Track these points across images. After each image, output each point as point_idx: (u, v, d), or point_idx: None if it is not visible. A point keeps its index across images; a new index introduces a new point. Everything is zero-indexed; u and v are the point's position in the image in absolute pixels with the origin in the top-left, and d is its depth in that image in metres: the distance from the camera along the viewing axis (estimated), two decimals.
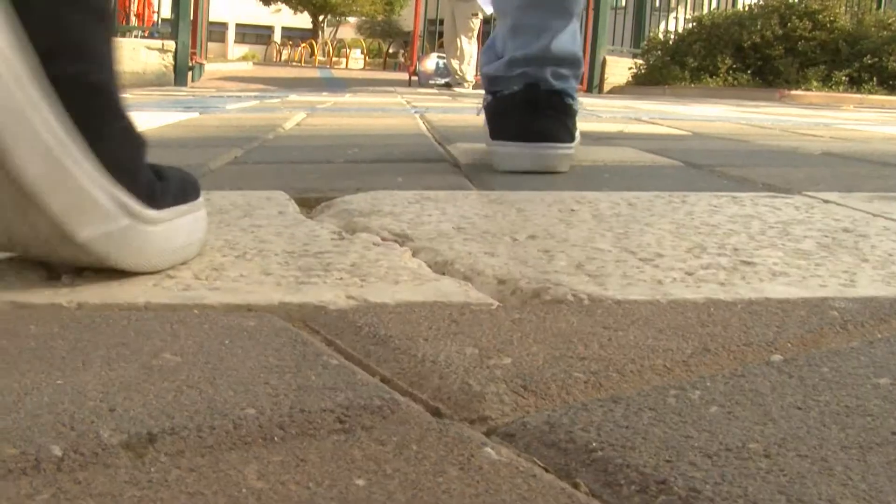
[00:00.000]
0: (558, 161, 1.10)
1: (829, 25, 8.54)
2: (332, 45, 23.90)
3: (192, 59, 7.98)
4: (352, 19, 31.69)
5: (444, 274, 0.59)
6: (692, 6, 10.78)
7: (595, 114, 2.66)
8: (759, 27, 8.37)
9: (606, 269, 0.60)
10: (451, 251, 0.65)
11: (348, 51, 23.94)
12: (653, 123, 1.69)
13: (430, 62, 8.69)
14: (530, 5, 1.20)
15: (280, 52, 26.28)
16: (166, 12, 8.21)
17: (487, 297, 0.53)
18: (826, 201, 0.93)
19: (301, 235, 0.70)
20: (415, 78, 8.84)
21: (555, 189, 0.96)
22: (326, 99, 3.49)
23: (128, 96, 2.84)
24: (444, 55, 8.80)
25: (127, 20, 9.45)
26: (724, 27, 8.44)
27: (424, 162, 1.09)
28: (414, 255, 0.65)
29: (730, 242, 0.70)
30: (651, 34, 9.76)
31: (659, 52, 9.00)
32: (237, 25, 39.99)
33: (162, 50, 7.78)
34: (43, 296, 0.51)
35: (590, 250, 0.65)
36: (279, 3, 28.99)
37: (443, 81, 8.62)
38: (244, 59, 34.27)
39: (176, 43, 7.77)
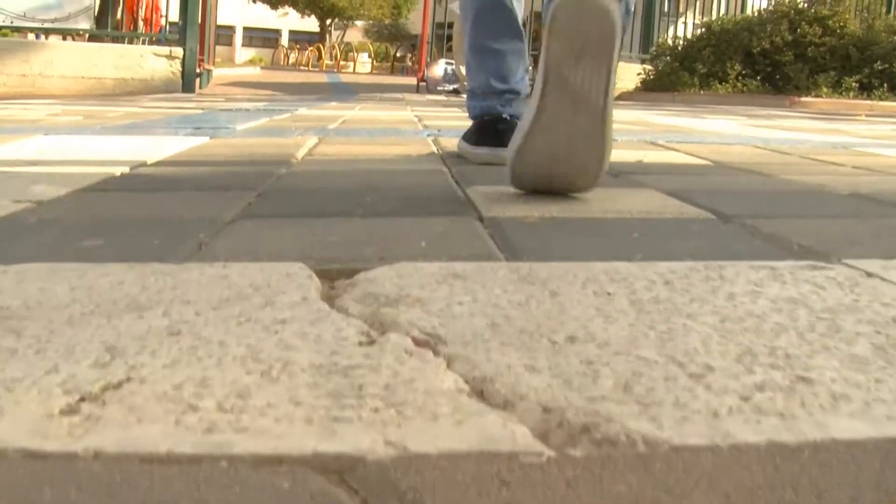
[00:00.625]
0: None
1: (839, 31, 8.50)
2: (339, 49, 23.88)
3: (199, 66, 7.97)
4: (359, 23, 31.70)
5: (482, 395, 0.56)
6: (701, 10, 10.75)
7: None
8: (768, 33, 8.32)
9: (657, 392, 0.56)
10: (488, 363, 0.61)
11: (356, 55, 23.95)
12: (670, 149, 1.66)
13: (439, 68, 8.67)
14: None
15: (287, 56, 26.28)
16: (174, 16, 8.18)
17: (535, 441, 0.49)
18: (869, 274, 0.89)
19: (328, 338, 0.66)
20: (423, 84, 8.81)
21: (585, 258, 0.92)
22: (336, 113, 3.45)
23: (135, 108, 2.80)
24: (451, 61, 8.77)
25: (135, 25, 9.45)
26: (733, 33, 8.39)
27: (446, 215, 1.05)
28: (449, 366, 0.61)
29: (780, 345, 0.66)
30: (660, 40, 9.71)
31: (668, 58, 8.96)
32: (244, 29, 40.01)
33: (170, 56, 7.77)
34: (58, 440, 0.47)
35: (635, 361, 0.62)
36: (286, 6, 29.02)
37: (451, 88, 8.59)
38: (251, 62, 34.28)
39: (184, 49, 7.76)
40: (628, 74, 9.47)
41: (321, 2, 26.79)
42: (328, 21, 29.34)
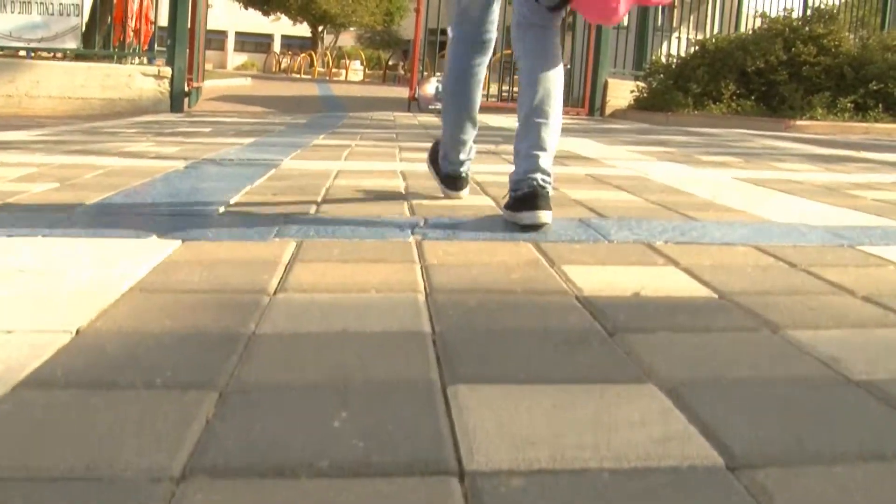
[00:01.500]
0: None
1: (833, 50, 8.43)
2: (331, 56, 23.77)
3: (188, 85, 7.87)
4: (351, 30, 31.61)
5: None
6: (695, 26, 10.68)
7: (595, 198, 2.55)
8: (763, 52, 8.25)
9: None
10: None
11: (348, 62, 23.82)
12: (670, 260, 1.55)
13: (430, 87, 8.57)
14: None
15: (279, 63, 26.17)
16: (165, 20, 8.04)
17: None
18: None
19: None
20: (415, 101, 8.71)
21: None
22: (321, 166, 3.38)
23: (115, 160, 2.55)
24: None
25: (124, 36, 9.35)
26: (727, 52, 8.32)
27: (417, 475, 0.74)
28: None
29: None
30: (654, 58, 9.64)
31: (661, 76, 8.88)
32: (237, 34, 39.86)
33: (158, 76, 7.68)
34: None
35: None
36: (278, 13, 28.88)
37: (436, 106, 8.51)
38: (244, 67, 34.15)
39: (172, 69, 7.66)
40: (621, 92, 9.39)
41: (313, 8, 26.68)
42: (320, 28, 29.22)
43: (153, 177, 2.56)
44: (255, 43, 41.47)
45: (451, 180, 2.32)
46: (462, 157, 2.31)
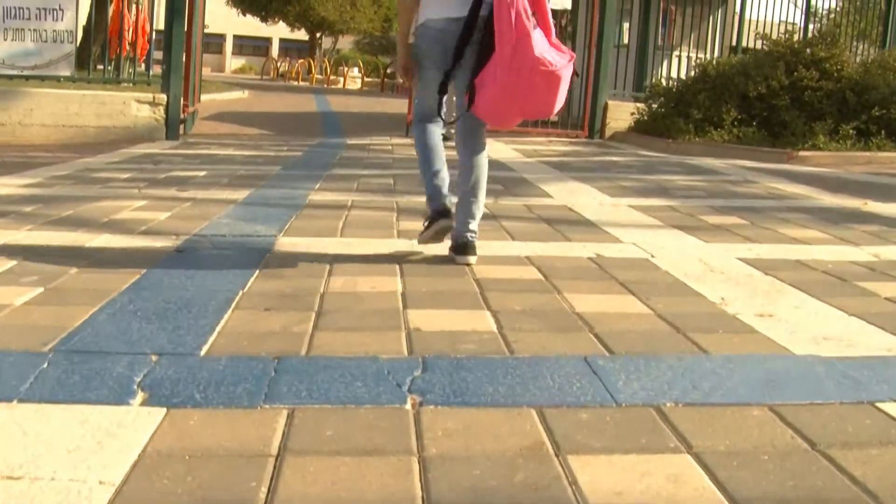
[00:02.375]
0: None
1: (836, 74, 8.34)
2: (329, 63, 23.59)
3: (184, 111, 7.78)
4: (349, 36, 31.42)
5: None
6: (695, 44, 10.59)
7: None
8: (764, 77, 8.15)
9: None
10: None
11: (346, 69, 23.63)
12: (683, 444, 1.47)
13: None
14: None
15: (277, 68, 25.98)
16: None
17: None
18: None
19: None
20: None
21: None
22: (319, 246, 3.29)
23: (98, 230, 2.37)
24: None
25: (120, 48, 9.26)
26: (728, 76, 8.22)
27: None
28: None
29: None
30: (654, 80, 9.54)
31: (662, 99, 8.79)
32: (235, 37, 39.64)
33: (153, 103, 7.60)
34: None
35: None
36: (276, 20, 28.67)
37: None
38: (241, 70, 33.99)
39: (168, 96, 7.58)
40: (621, 114, 9.29)
41: (311, 15, 26.48)
42: (318, 34, 29.01)
43: (139, 289, 2.47)
44: (253, 46, 41.24)
45: (439, 214, 2.81)
46: (444, 192, 2.86)
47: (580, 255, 3.00)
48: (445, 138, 7.80)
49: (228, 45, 39.18)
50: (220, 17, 30.22)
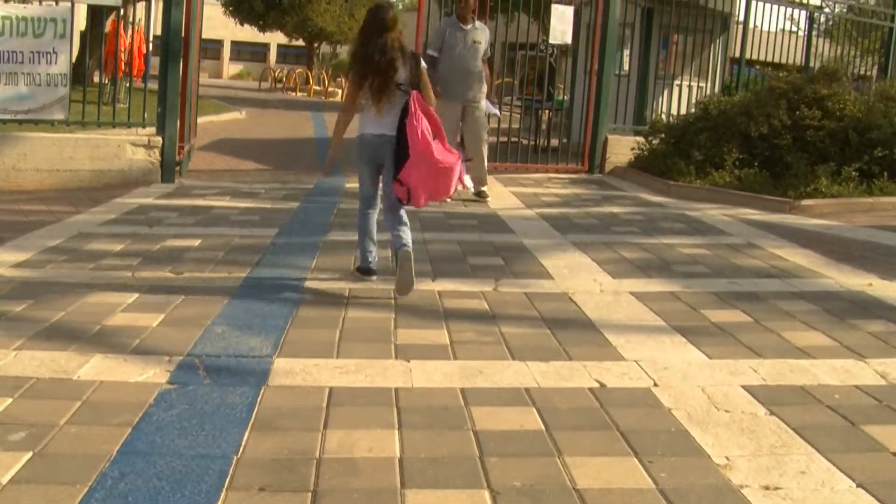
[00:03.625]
0: None
1: (838, 113, 8.27)
2: (326, 75, 23.43)
3: (179, 153, 7.71)
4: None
5: None
6: (697, 73, 10.50)
7: None
8: (766, 116, 8.08)
9: None
10: None
11: (344, 81, 23.46)
12: None
13: None
14: None
15: (275, 78, 25.81)
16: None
17: None
18: None
19: None
20: None
21: None
22: (313, 383, 3.25)
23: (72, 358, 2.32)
24: None
25: (116, 68, 9.14)
26: (730, 116, 8.15)
27: None
28: None
29: None
30: (655, 115, 9.47)
31: (663, 135, 8.71)
32: (233, 43, 39.39)
33: (148, 146, 7.53)
34: None
35: None
36: (275, 29, 28.48)
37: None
38: (239, 76, 33.88)
39: (163, 139, 7.51)
40: (621, 148, 9.20)
41: (309, 26, 26.27)
42: (315, 44, 28.79)
43: (130, 456, 2.41)
44: (251, 52, 41.03)
45: (366, 272, 4.15)
46: (371, 258, 4.12)
47: (581, 384, 2.93)
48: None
49: (226, 51, 38.97)
50: (219, 23, 30.08)
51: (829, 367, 3.18)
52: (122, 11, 9.66)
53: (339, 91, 22.60)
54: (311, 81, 22.33)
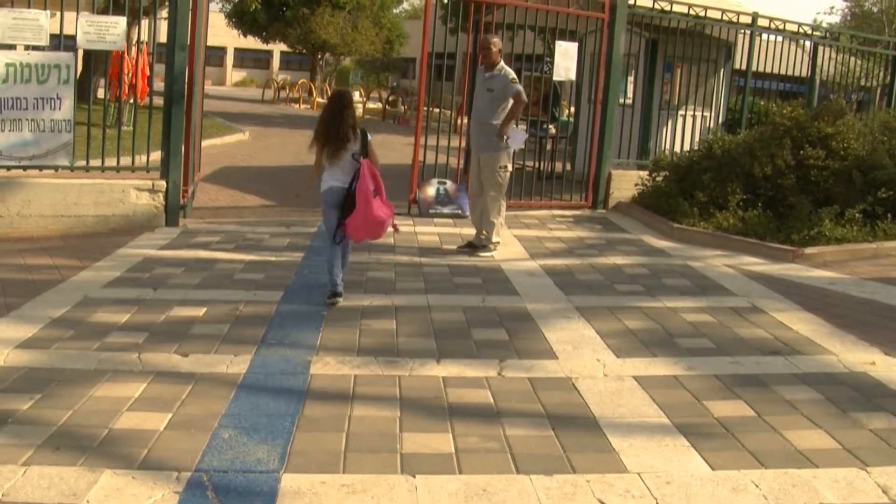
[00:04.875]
0: None
1: (842, 153, 8.28)
2: (329, 87, 23.37)
3: (183, 197, 7.73)
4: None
5: None
6: (702, 102, 10.50)
7: None
8: (770, 156, 8.09)
9: None
10: None
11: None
12: None
13: (431, 189, 8.41)
14: None
15: (279, 90, 25.77)
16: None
17: None
18: None
19: None
20: (415, 204, 8.52)
21: None
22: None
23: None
24: (444, 181, 8.54)
25: (120, 91, 9.16)
26: (734, 156, 8.16)
27: None
28: None
29: None
30: (658, 152, 9.48)
31: (666, 173, 8.72)
32: (236, 50, 39.34)
33: (152, 190, 7.56)
34: None
35: None
36: (277, 40, 28.44)
37: (447, 211, 8.35)
38: (242, 83, 33.89)
39: (167, 182, 7.54)
40: (625, 183, 9.22)
41: (312, 38, 26.24)
42: (319, 55, 28.76)
43: None
44: (254, 59, 40.99)
45: (334, 294, 5.21)
46: (338, 285, 5.21)
47: None
48: (459, 216, 7.69)
49: (229, 58, 38.95)
50: (222, 31, 30.04)
51: (831, 480, 3.19)
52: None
53: None
54: (314, 94, 22.31)
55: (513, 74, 6.69)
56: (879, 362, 4.53)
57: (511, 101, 6.60)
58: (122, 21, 7.51)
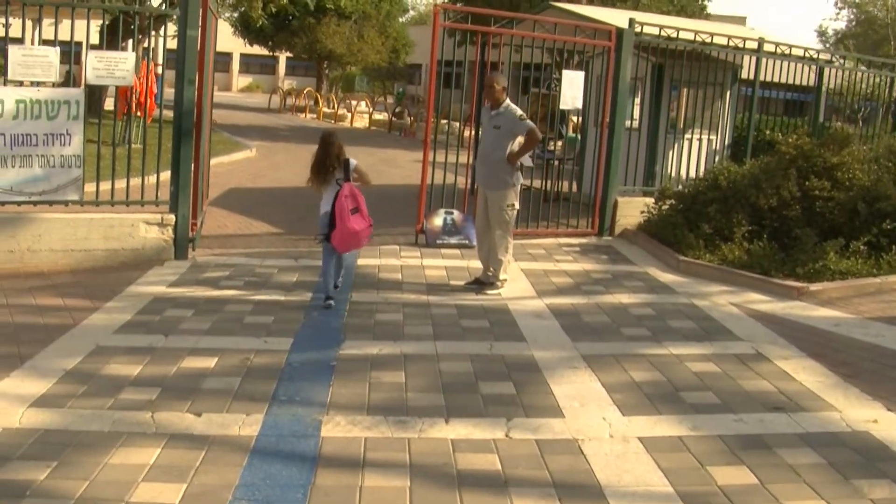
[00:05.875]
0: None
1: (847, 183, 8.32)
2: (336, 98, 23.46)
3: (191, 230, 7.80)
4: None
5: None
6: (708, 126, 10.53)
7: None
8: (776, 188, 8.14)
9: None
10: None
11: (353, 104, 23.51)
12: None
13: (438, 219, 8.47)
14: None
15: (284, 99, 25.84)
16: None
17: None
18: None
19: None
20: (422, 234, 8.58)
21: None
22: None
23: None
24: (451, 211, 8.59)
25: (129, 109, 9.26)
26: (740, 187, 8.20)
27: None
28: None
29: None
30: (665, 173, 9.52)
31: (672, 201, 8.77)
32: (242, 55, 39.41)
33: (161, 224, 7.63)
34: None
35: None
36: (283, 49, 28.49)
37: (454, 241, 8.40)
38: (248, 89, 33.97)
39: (176, 216, 7.61)
40: (631, 210, 9.26)
41: (318, 48, 26.30)
42: (325, 64, 28.83)
43: None
44: (260, 65, 41.10)
45: (328, 298, 6.23)
46: (331, 290, 6.34)
47: None
48: (466, 246, 7.73)
49: (235, 64, 39.06)
50: (228, 36, 30.08)
51: None
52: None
53: (349, 115, 22.70)
54: (320, 103, 22.40)
55: (520, 112, 6.74)
56: (881, 420, 4.58)
57: (520, 138, 6.66)
58: (131, 57, 7.58)
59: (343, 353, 5.36)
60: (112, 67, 7.40)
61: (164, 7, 7.94)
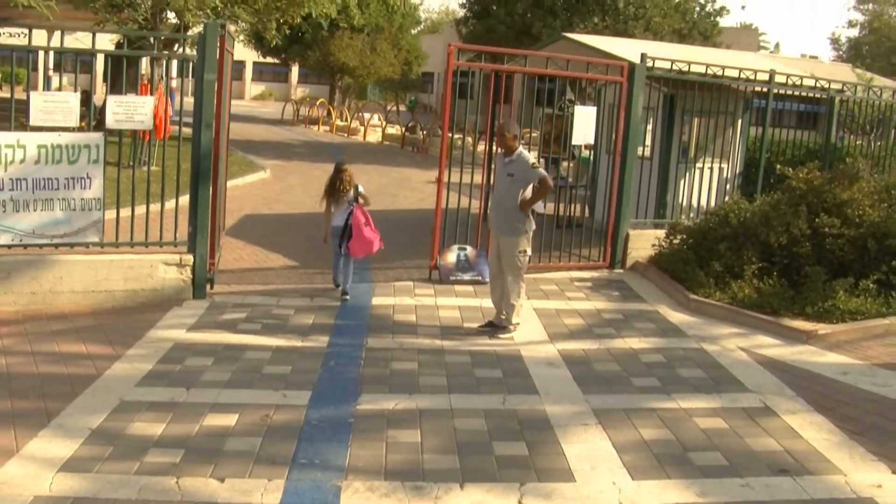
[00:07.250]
0: None
1: (857, 220, 8.38)
2: (349, 112, 23.59)
3: (209, 270, 7.94)
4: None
5: None
6: (720, 155, 10.60)
7: None
8: (786, 225, 8.21)
9: None
10: None
11: (366, 117, 23.61)
12: None
13: (451, 255, 8.58)
14: None
15: (298, 109, 25.96)
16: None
17: None
18: None
19: None
20: (436, 270, 8.69)
21: None
22: None
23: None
24: (464, 247, 8.70)
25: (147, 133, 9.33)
26: (750, 225, 8.28)
27: None
28: None
29: None
30: (676, 202, 9.60)
31: (683, 235, 8.85)
32: (255, 63, 39.64)
33: (180, 265, 7.78)
34: None
35: None
36: (296, 61, 28.64)
37: (468, 277, 8.51)
38: (261, 97, 34.18)
39: (194, 257, 7.75)
40: (642, 243, 9.36)
41: (331, 62, 26.46)
42: (338, 76, 28.97)
43: None
44: (273, 73, 41.37)
45: (336, 286, 8.11)
46: (338, 279, 8.14)
47: None
48: (479, 282, 7.83)
49: (248, 72, 39.38)
50: (240, 46, 30.24)
51: None
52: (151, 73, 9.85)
53: (361, 128, 22.81)
54: (333, 116, 22.54)
55: (532, 159, 6.86)
56: (885, 484, 4.66)
57: (532, 186, 6.79)
58: (149, 101, 7.73)
59: (360, 408, 5.48)
60: (131, 112, 7.55)
61: (182, 50, 8.08)
